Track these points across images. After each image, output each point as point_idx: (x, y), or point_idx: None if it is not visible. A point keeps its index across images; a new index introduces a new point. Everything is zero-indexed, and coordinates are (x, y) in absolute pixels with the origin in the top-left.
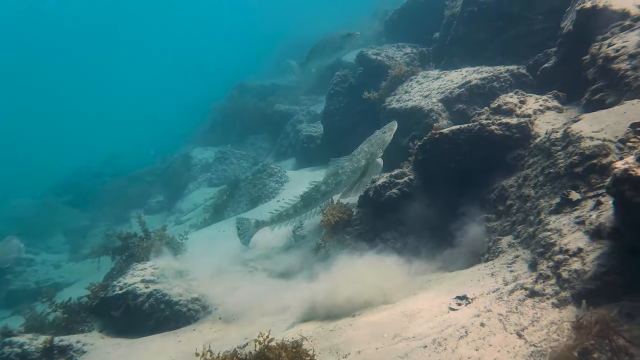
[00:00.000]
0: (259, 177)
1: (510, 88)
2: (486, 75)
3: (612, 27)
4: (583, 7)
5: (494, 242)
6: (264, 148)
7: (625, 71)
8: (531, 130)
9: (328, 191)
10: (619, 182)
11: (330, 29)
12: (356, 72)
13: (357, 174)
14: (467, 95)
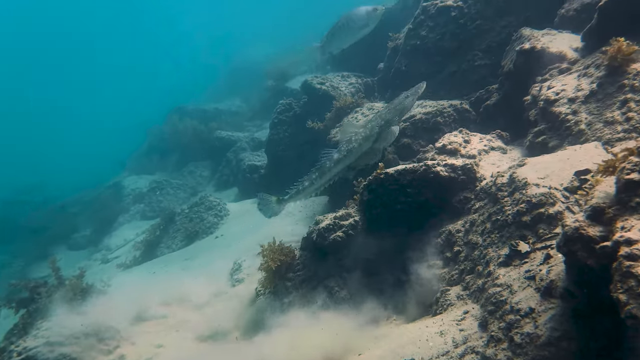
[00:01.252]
0: (196, 210)
1: (454, 123)
2: (430, 110)
3: (550, 69)
4: (522, 47)
5: (442, 292)
6: (204, 177)
7: (565, 115)
8: (477, 173)
9: (340, 159)
10: (570, 241)
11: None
12: (301, 101)
13: (370, 142)
14: (412, 130)
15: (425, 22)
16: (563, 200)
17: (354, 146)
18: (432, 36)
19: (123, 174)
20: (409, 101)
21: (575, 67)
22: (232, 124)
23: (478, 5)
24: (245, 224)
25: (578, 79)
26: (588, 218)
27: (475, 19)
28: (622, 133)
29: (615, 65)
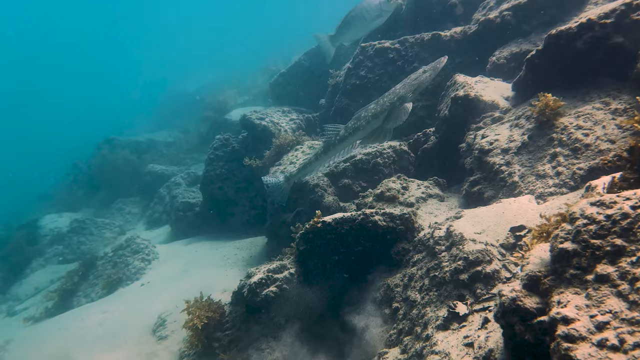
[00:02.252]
0: (121, 254)
1: (394, 165)
2: (370, 150)
3: (484, 117)
4: (456, 95)
5: (379, 356)
6: (133, 214)
7: (499, 166)
8: (414, 222)
9: (346, 136)
10: (508, 312)
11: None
12: (239, 136)
13: (379, 120)
14: (352, 170)
15: (363, 62)
16: (499, 257)
17: (362, 124)
18: (372, 76)
19: (41, 210)
20: (425, 76)
21: (507, 116)
22: (168, 157)
23: (415, 48)
24: (176, 268)
25: (510, 130)
26: (525, 287)
27: (412, 61)
28: (553, 187)
29: (544, 119)
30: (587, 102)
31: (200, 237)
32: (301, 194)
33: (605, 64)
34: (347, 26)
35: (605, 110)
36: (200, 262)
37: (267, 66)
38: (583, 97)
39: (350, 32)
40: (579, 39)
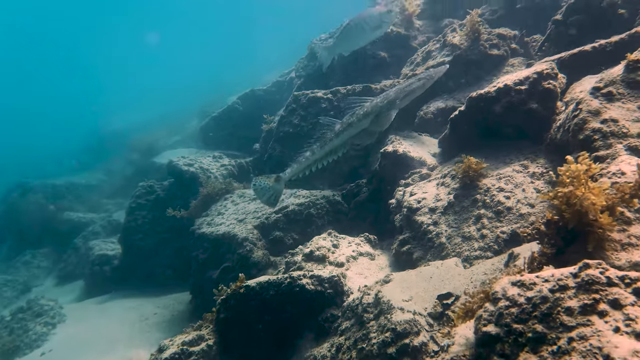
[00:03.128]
0: (20, 317)
1: (327, 216)
2: (303, 200)
3: (412, 173)
4: (386, 150)
5: None
6: (43, 268)
7: (427, 226)
8: (344, 285)
9: (341, 131)
10: None
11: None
12: (165, 183)
13: (368, 120)
14: (284, 222)
15: (296, 110)
16: (427, 328)
17: (354, 120)
18: (305, 125)
19: None
20: (418, 85)
21: (434, 174)
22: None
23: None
24: (86, 332)
25: (437, 188)
26: None
27: (344, 112)
28: (478, 251)
29: (467, 180)
30: (507, 164)
31: (118, 294)
32: (227, 247)
33: (523, 128)
34: (346, 36)
35: (524, 173)
36: (112, 325)
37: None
38: (504, 158)
39: (349, 42)
40: (498, 103)
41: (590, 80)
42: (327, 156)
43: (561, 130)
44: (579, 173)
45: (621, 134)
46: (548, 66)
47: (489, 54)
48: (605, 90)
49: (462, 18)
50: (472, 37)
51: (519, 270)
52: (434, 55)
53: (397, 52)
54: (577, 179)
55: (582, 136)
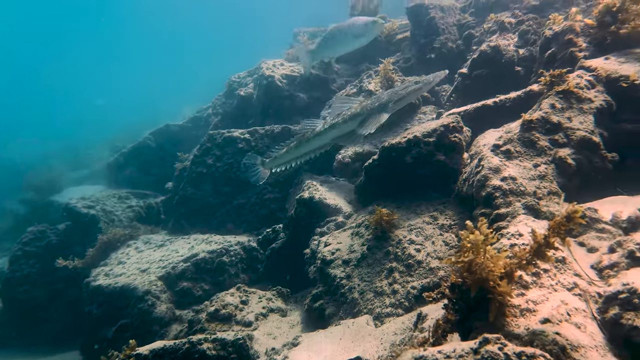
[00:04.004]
0: None
1: (241, 263)
2: (216, 247)
3: (328, 221)
4: (302, 196)
5: None
6: None
7: (340, 279)
8: (250, 349)
9: (321, 132)
10: None
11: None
12: (60, 227)
13: (356, 122)
14: (193, 272)
15: (212, 150)
16: None
17: (338, 121)
18: (220, 165)
19: None
20: (414, 88)
21: (350, 222)
22: None
23: (265, 139)
24: None
25: (352, 238)
26: None
27: (262, 152)
28: (390, 307)
29: (379, 233)
30: (419, 215)
31: None
32: (126, 302)
33: (432, 179)
34: (329, 41)
35: (434, 225)
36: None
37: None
38: (415, 208)
39: (331, 47)
40: (408, 154)
41: (493, 134)
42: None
43: (467, 184)
44: (477, 242)
45: (519, 192)
46: (454, 119)
47: None
48: (504, 148)
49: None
50: (386, 84)
51: (424, 339)
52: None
53: (316, 94)
54: (477, 247)
55: (484, 193)
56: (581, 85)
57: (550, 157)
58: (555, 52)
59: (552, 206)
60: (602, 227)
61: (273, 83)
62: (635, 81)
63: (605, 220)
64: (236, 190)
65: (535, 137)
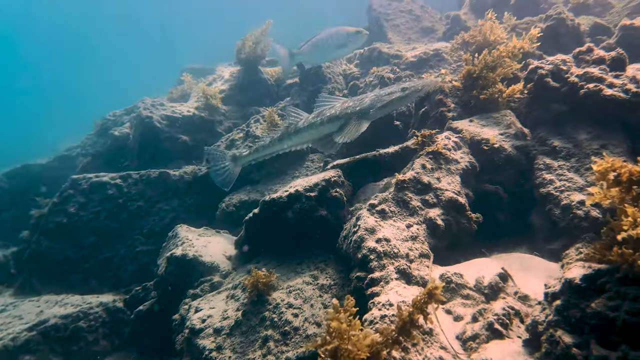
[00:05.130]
0: None
1: (103, 327)
2: (71, 310)
3: (203, 282)
4: (173, 253)
5: None
6: None
7: (210, 351)
8: None
9: (301, 129)
10: None
11: None
12: None
13: (334, 126)
14: (39, 342)
15: (74, 197)
16: None
17: (317, 122)
18: (84, 214)
19: None
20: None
21: (226, 282)
22: None
23: (139, 185)
24: None
25: (226, 302)
26: None
27: (137, 200)
28: None
29: (255, 297)
30: (299, 274)
31: None
32: None
33: (314, 234)
34: (311, 48)
35: (314, 285)
36: None
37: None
38: (296, 267)
39: (313, 54)
40: (290, 209)
41: (372, 188)
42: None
43: (346, 242)
44: (341, 330)
45: (393, 254)
46: (335, 173)
47: None
48: (379, 207)
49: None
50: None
51: None
52: (237, 145)
53: (200, 136)
54: (340, 333)
55: (360, 255)
56: (449, 147)
57: (422, 218)
58: (428, 110)
59: (423, 269)
60: (467, 293)
61: (151, 124)
62: (494, 145)
63: (469, 285)
64: (103, 242)
65: (408, 197)
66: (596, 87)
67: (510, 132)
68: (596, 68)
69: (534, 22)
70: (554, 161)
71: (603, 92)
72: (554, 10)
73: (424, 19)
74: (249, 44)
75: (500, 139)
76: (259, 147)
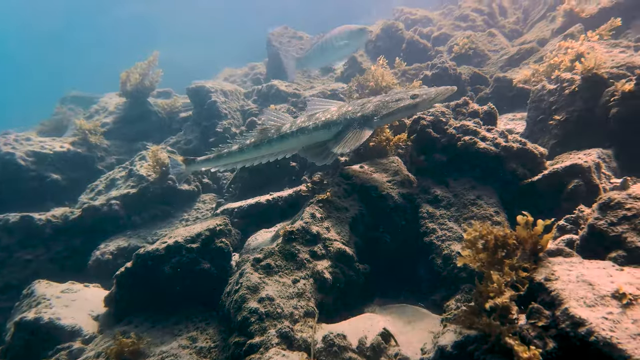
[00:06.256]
0: None
1: None
2: None
3: (59, 349)
4: (24, 318)
5: None
6: None
7: None
8: None
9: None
10: None
11: None
12: None
13: (330, 133)
14: None
15: None
16: None
17: (309, 127)
18: None
19: None
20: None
21: (89, 349)
22: None
23: None
24: None
25: None
26: None
27: None
28: None
29: None
30: (176, 337)
31: None
32: None
33: (196, 290)
34: (315, 50)
35: (191, 349)
36: None
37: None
38: (173, 328)
39: (317, 57)
40: (168, 262)
41: (264, 235)
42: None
43: (229, 300)
44: None
45: (276, 315)
46: (222, 222)
47: (178, 189)
48: (265, 262)
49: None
50: (160, 170)
51: None
52: (118, 184)
53: (77, 174)
54: None
55: (240, 317)
56: (339, 194)
57: (310, 271)
58: None
59: (306, 331)
60: (349, 356)
61: (13, 161)
62: (382, 192)
63: (352, 347)
64: None
65: (296, 249)
66: (471, 140)
67: (397, 180)
68: (471, 121)
69: (422, 68)
70: (436, 210)
71: (477, 145)
72: (439, 60)
73: None
74: (135, 76)
75: (388, 186)
76: (222, 153)
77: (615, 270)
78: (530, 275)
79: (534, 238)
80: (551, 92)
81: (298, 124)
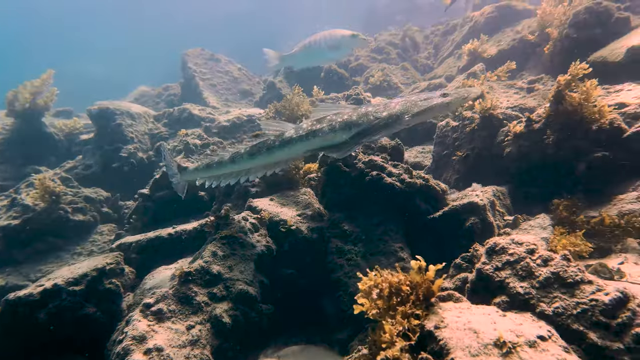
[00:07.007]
0: None
1: None
2: None
3: None
4: None
5: None
6: None
7: None
8: None
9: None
10: None
11: None
12: None
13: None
14: None
15: None
16: None
17: (324, 129)
18: None
19: None
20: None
21: None
22: None
23: None
24: None
25: None
26: None
27: None
28: None
29: None
30: None
31: None
32: None
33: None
34: (302, 50)
35: None
36: None
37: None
38: None
39: (304, 57)
40: (44, 308)
41: (164, 272)
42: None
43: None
44: None
45: None
46: (112, 259)
47: (71, 219)
48: (156, 307)
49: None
50: (49, 199)
51: None
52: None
53: None
54: None
55: None
56: (245, 229)
57: (207, 315)
58: None
59: None
60: None
61: None
62: (292, 227)
63: None
64: None
65: (192, 291)
66: (378, 175)
67: (308, 213)
68: (379, 156)
69: (339, 98)
70: (344, 245)
71: (384, 180)
72: (354, 90)
73: (242, 81)
74: (25, 95)
75: (297, 220)
76: (211, 163)
77: (498, 316)
78: (421, 322)
79: (426, 283)
80: (454, 128)
81: (306, 128)
